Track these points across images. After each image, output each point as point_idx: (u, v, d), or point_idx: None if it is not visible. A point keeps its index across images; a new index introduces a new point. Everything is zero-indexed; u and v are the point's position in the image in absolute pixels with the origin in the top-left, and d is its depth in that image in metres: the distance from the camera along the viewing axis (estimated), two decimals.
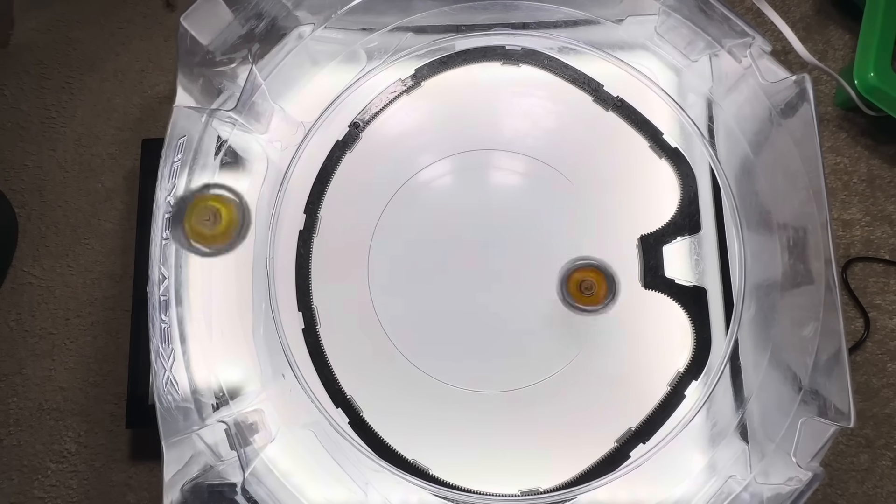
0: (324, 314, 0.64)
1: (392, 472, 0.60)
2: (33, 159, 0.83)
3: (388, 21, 0.65)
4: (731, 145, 0.64)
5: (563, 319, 0.64)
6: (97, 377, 0.78)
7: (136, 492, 0.76)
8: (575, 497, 0.59)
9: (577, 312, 0.60)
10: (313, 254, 0.64)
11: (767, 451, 0.56)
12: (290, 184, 0.64)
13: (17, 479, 0.77)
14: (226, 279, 0.63)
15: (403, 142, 0.66)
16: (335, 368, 0.63)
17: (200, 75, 0.59)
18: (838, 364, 0.51)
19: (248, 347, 0.63)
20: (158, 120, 0.84)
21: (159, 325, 0.56)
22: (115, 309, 0.79)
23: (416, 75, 0.66)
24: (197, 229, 0.58)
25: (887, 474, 0.73)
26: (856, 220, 0.78)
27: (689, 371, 0.61)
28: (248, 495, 0.56)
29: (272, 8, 0.61)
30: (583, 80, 0.66)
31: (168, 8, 0.86)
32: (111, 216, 0.82)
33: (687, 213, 0.64)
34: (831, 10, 0.83)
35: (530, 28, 0.67)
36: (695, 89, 0.66)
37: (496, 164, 0.66)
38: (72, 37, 0.86)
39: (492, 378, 0.63)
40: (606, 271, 0.59)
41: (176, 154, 0.57)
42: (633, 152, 0.65)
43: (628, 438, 0.60)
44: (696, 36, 0.62)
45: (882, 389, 0.75)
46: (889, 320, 0.76)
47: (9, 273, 0.80)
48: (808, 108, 0.54)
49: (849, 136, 0.80)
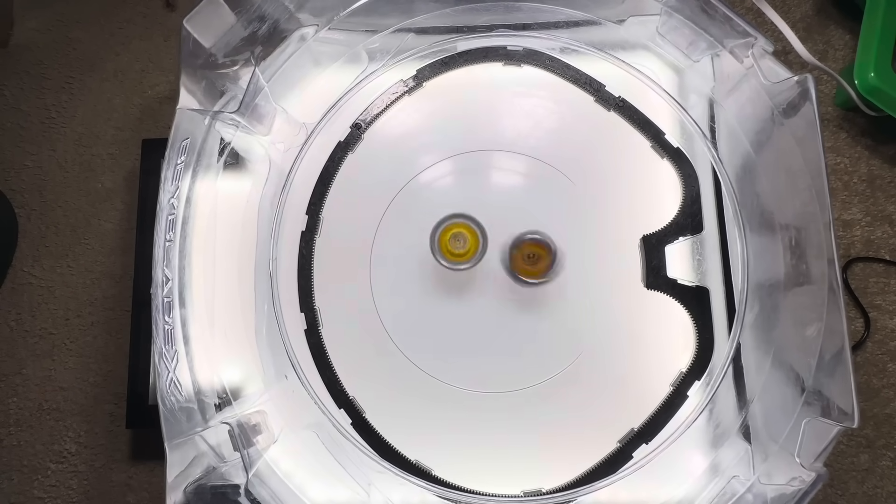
0: (326, 315, 0.64)
1: (394, 473, 0.60)
2: (33, 159, 0.83)
3: (390, 23, 0.65)
4: (732, 145, 0.64)
5: (566, 319, 0.64)
6: (97, 377, 0.78)
7: (136, 492, 0.76)
8: (578, 498, 0.59)
9: (521, 284, 0.61)
10: (315, 255, 0.64)
11: (771, 451, 0.56)
12: (292, 185, 0.64)
13: (17, 479, 0.77)
14: (228, 281, 0.63)
15: (405, 142, 0.66)
16: (338, 369, 0.63)
17: (203, 77, 0.59)
18: (841, 364, 0.51)
19: (250, 348, 0.63)
20: (158, 120, 0.83)
21: (163, 326, 0.56)
22: (115, 309, 0.79)
23: (417, 76, 0.66)
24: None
25: (887, 474, 0.73)
26: (856, 220, 0.78)
27: (692, 371, 0.61)
28: (252, 496, 0.56)
29: (275, 10, 0.61)
30: (584, 81, 0.66)
31: (168, 8, 0.85)
32: (111, 216, 0.81)
33: (689, 213, 0.64)
34: (831, 10, 0.83)
35: (532, 29, 0.67)
36: (696, 89, 0.66)
37: (498, 165, 0.66)
38: (72, 37, 0.86)
39: (494, 378, 0.63)
40: (549, 245, 0.60)
41: (179, 156, 0.57)
42: (635, 152, 0.65)
43: (631, 439, 0.61)
44: (698, 36, 0.62)
45: (882, 389, 0.75)
46: (889, 320, 0.76)
47: (9, 273, 0.80)
48: (810, 107, 0.54)
49: (849, 136, 0.80)
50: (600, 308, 0.64)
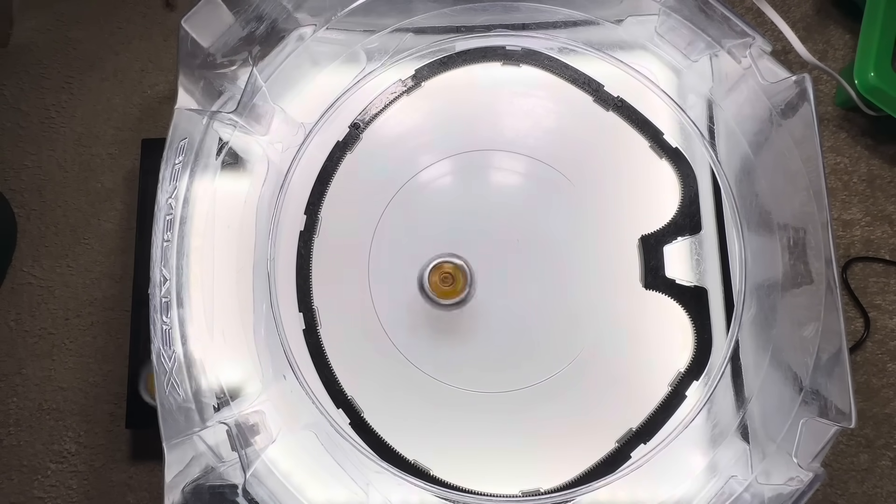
0: (324, 315, 0.63)
1: (393, 473, 0.60)
2: (33, 159, 0.83)
3: (389, 22, 0.65)
4: (731, 145, 0.64)
5: (564, 319, 0.64)
6: (97, 377, 0.78)
7: (135, 492, 0.76)
8: (576, 497, 0.59)
9: (437, 308, 0.61)
10: (314, 255, 0.64)
11: (768, 451, 0.56)
12: (290, 185, 0.64)
13: (17, 479, 0.77)
14: (226, 281, 0.63)
15: (404, 142, 0.66)
16: (336, 369, 0.63)
17: (201, 77, 0.59)
18: (839, 364, 0.51)
19: (248, 349, 0.62)
20: (158, 120, 0.83)
21: (161, 326, 0.56)
22: (115, 309, 0.79)
23: (416, 76, 0.66)
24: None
25: (887, 474, 0.73)
26: (856, 220, 0.78)
27: (690, 371, 0.61)
28: (250, 496, 0.56)
29: (273, 10, 0.61)
30: (583, 81, 0.66)
31: (168, 8, 0.86)
32: (111, 216, 0.82)
33: (687, 213, 0.64)
34: (831, 10, 0.83)
35: (530, 29, 0.67)
36: (695, 89, 0.66)
37: (496, 165, 0.66)
38: (71, 36, 0.86)
39: (493, 378, 0.63)
40: (463, 266, 0.60)
41: (177, 156, 0.57)
42: (634, 152, 0.65)
43: (629, 439, 0.61)
44: (696, 36, 0.62)
45: (882, 389, 0.75)
46: (889, 320, 0.76)
47: (8, 273, 0.80)
48: (808, 108, 0.54)
49: (849, 136, 0.80)
50: (598, 308, 0.64)
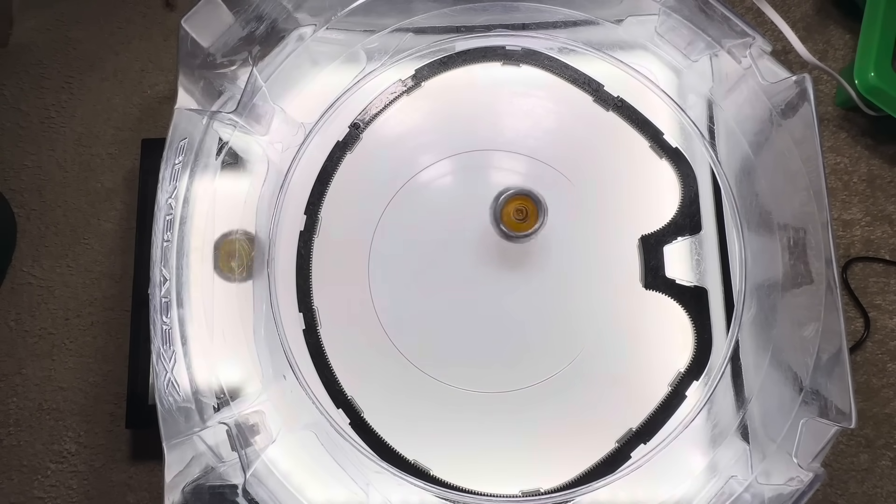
0: (324, 315, 0.63)
1: (393, 473, 0.60)
2: (33, 159, 0.83)
3: (389, 22, 0.65)
4: (731, 146, 0.64)
5: (564, 319, 0.64)
6: (97, 377, 0.78)
7: (135, 492, 0.76)
8: (576, 497, 0.59)
9: (510, 241, 0.60)
10: (314, 255, 0.64)
11: (769, 451, 0.56)
12: (290, 185, 0.64)
13: (17, 479, 0.77)
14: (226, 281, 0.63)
15: (404, 142, 0.66)
16: (336, 369, 0.63)
17: (201, 77, 0.59)
18: (839, 364, 0.51)
19: (248, 349, 0.62)
20: (158, 120, 0.83)
21: (160, 326, 0.56)
22: (115, 309, 0.79)
23: (416, 76, 0.66)
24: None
25: (887, 474, 0.73)
26: (856, 220, 0.78)
27: (690, 371, 0.61)
28: (249, 497, 0.56)
29: (273, 10, 0.61)
30: (583, 81, 0.66)
31: (168, 8, 0.85)
32: (111, 216, 0.81)
33: (687, 213, 0.64)
34: (831, 10, 0.83)
35: (530, 29, 0.67)
36: (695, 90, 0.66)
37: (496, 165, 0.66)
38: (71, 36, 0.86)
39: (492, 378, 0.63)
40: (535, 197, 0.59)
41: (177, 156, 0.57)
42: (634, 152, 0.65)
43: (629, 439, 0.61)
44: (696, 36, 0.62)
45: (882, 389, 0.75)
46: (889, 320, 0.76)
47: (8, 273, 0.80)
48: (808, 108, 0.54)
49: (849, 136, 0.80)
50: (598, 308, 0.64)
